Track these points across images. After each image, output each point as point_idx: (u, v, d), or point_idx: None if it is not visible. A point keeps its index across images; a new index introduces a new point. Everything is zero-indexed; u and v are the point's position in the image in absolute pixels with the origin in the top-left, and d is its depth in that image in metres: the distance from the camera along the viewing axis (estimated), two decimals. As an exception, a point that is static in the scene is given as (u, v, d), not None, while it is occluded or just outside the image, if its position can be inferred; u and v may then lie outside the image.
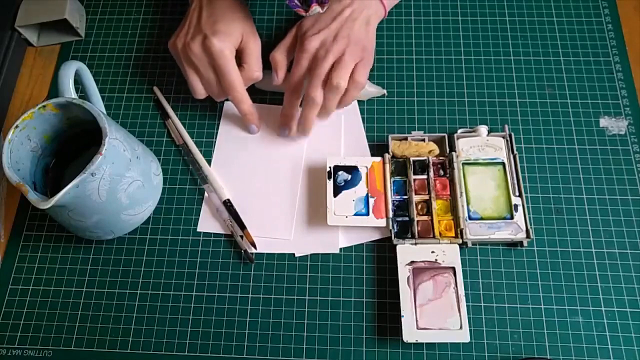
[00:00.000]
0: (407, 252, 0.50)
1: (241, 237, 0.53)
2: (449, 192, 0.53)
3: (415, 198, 0.52)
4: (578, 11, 0.62)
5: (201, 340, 0.50)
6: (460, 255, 0.50)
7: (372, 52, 0.54)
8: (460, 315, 0.47)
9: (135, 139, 0.52)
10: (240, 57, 0.54)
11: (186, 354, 0.50)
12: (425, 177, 0.53)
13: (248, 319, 0.50)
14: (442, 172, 0.53)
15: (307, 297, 0.51)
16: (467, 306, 0.49)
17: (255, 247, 0.52)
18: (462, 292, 0.48)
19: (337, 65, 0.50)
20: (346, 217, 0.51)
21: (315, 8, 0.50)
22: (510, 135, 0.54)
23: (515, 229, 0.51)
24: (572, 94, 0.58)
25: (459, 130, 0.56)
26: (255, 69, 0.54)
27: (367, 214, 0.51)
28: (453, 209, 0.52)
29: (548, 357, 0.48)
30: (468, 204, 0.52)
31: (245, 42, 0.54)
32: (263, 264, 0.52)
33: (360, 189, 0.53)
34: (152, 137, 0.59)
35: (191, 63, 0.53)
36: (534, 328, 0.49)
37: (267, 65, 0.56)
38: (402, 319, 0.47)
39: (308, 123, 0.54)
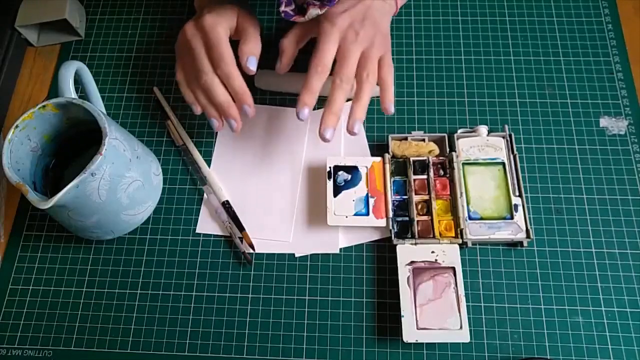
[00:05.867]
0: (407, 252, 0.50)
1: (240, 238, 0.53)
2: (449, 192, 0.53)
3: (415, 198, 0.52)
4: (578, 11, 0.62)
5: (201, 340, 0.50)
6: (460, 255, 0.50)
7: (390, 43, 0.53)
8: (460, 315, 0.47)
9: (135, 139, 0.52)
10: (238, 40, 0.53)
11: (186, 354, 0.50)
12: (425, 177, 0.53)
13: (248, 319, 0.50)
14: (442, 172, 0.54)
15: (307, 297, 0.51)
16: (467, 306, 0.49)
17: (253, 249, 0.52)
18: (462, 292, 0.48)
19: (366, 57, 0.49)
20: (346, 217, 0.51)
21: (312, 11, 0.49)
22: (510, 135, 0.54)
23: (515, 229, 0.51)
24: (572, 94, 0.58)
25: (459, 130, 0.56)
26: (252, 42, 0.51)
27: (367, 214, 0.51)
28: (453, 209, 0.52)
29: (548, 357, 0.48)
30: (468, 204, 0.52)
31: (241, 23, 0.52)
32: (263, 264, 0.52)
33: (360, 189, 0.52)
34: (152, 137, 0.59)
35: (183, 47, 0.52)
36: (534, 328, 0.49)
37: (265, 64, 0.56)
38: (402, 319, 0.47)
39: (338, 105, 0.49)
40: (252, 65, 0.50)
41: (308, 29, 0.52)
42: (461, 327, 0.47)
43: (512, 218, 0.51)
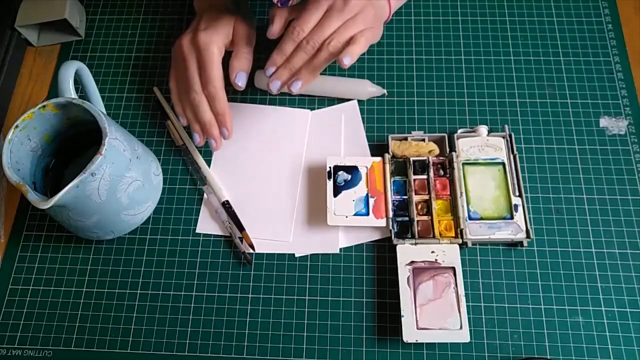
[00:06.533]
0: (407, 252, 0.50)
1: (240, 239, 0.53)
2: (449, 192, 0.53)
3: (415, 198, 0.52)
4: (578, 11, 0.62)
5: (201, 340, 0.50)
6: (460, 255, 0.50)
7: (382, 29, 0.52)
8: (460, 315, 0.47)
9: (135, 139, 0.52)
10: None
11: (186, 354, 0.50)
12: (425, 177, 0.53)
13: (248, 319, 0.50)
14: (442, 172, 0.53)
15: (307, 297, 0.51)
16: (467, 306, 0.49)
17: (253, 249, 0.52)
18: (462, 292, 0.48)
19: (345, 25, 0.48)
20: (346, 217, 0.51)
21: None
22: (510, 135, 0.54)
23: (515, 229, 0.51)
24: (572, 94, 0.58)
25: (459, 130, 0.56)
26: (243, 57, 0.52)
27: (367, 214, 0.51)
28: (453, 209, 0.52)
29: (548, 357, 0.48)
30: (468, 204, 0.52)
31: (236, 35, 0.53)
32: (263, 264, 0.52)
33: (360, 189, 0.52)
34: (152, 137, 0.59)
35: (178, 59, 0.53)
36: (534, 328, 0.49)
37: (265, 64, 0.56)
38: (402, 319, 0.47)
39: (294, 63, 0.49)
40: (240, 82, 0.52)
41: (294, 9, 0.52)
42: (461, 327, 0.47)
43: (512, 218, 0.51)
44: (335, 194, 0.52)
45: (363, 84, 0.58)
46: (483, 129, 0.55)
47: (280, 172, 0.56)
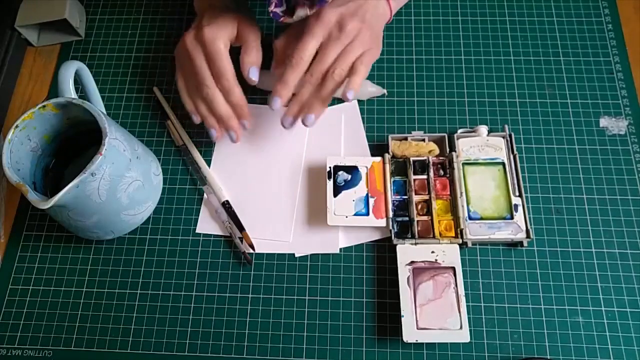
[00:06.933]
0: (407, 252, 0.50)
1: (240, 239, 0.53)
2: (449, 192, 0.53)
3: (415, 198, 0.52)
4: (578, 11, 0.62)
5: (201, 340, 0.50)
6: (460, 255, 0.50)
7: (381, 44, 0.53)
8: (460, 315, 0.47)
9: (135, 139, 0.52)
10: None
11: (186, 354, 0.50)
12: (425, 177, 0.53)
13: (248, 319, 0.50)
14: (442, 172, 0.54)
15: (307, 297, 0.51)
16: (467, 306, 0.49)
17: (253, 249, 0.52)
18: (462, 292, 0.48)
19: (344, 52, 0.48)
20: (346, 217, 0.51)
21: (300, 11, 0.49)
22: (510, 135, 0.54)
23: (515, 229, 0.51)
24: (572, 94, 0.58)
25: (459, 130, 0.56)
26: (253, 52, 0.52)
27: (367, 214, 0.51)
28: (453, 209, 0.52)
29: (548, 357, 0.48)
30: (468, 204, 0.52)
31: (241, 31, 0.53)
32: (263, 264, 0.52)
33: (360, 189, 0.53)
34: (152, 137, 0.59)
35: (183, 57, 0.53)
36: (534, 328, 0.49)
37: (266, 65, 0.56)
38: (402, 319, 0.47)
39: (301, 97, 0.50)
40: (253, 76, 0.52)
41: (302, 29, 0.52)
42: (461, 327, 0.47)
43: (512, 218, 0.51)
44: (335, 194, 0.52)
45: (363, 84, 0.58)
46: (483, 129, 0.55)
47: (280, 172, 0.56)
